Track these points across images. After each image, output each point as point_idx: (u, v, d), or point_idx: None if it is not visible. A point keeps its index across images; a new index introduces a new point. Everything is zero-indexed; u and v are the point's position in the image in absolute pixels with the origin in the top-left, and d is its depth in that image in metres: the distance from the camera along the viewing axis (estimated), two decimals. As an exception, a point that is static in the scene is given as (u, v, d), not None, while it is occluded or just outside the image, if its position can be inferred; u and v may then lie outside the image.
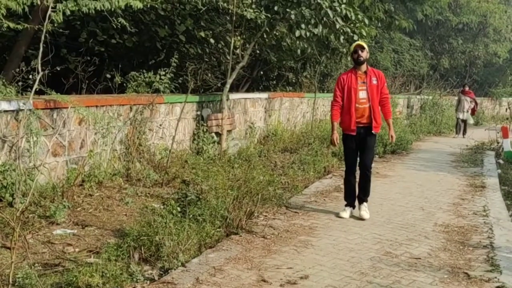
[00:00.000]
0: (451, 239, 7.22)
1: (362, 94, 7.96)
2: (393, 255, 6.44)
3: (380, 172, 12.35)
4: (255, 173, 8.40)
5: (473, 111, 23.23)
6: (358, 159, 8.23)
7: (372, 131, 8.00)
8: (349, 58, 16.38)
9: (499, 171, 13.25)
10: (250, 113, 14.66)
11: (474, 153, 16.70)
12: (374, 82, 8.03)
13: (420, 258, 6.36)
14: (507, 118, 19.94)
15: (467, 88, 23.35)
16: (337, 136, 8.17)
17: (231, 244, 6.49)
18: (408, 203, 9.30)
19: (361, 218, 8.01)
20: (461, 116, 22.61)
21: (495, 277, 5.81)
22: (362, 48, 7.99)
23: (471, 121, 23.30)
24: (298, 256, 6.23)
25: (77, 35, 11.32)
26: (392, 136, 8.42)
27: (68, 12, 7.64)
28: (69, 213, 7.15)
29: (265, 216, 7.83)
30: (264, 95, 15.68)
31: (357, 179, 8.33)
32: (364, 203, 8.23)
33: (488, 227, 7.88)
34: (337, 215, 8.13)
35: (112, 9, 8.22)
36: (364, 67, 8.06)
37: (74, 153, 8.32)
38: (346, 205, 8.27)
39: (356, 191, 8.27)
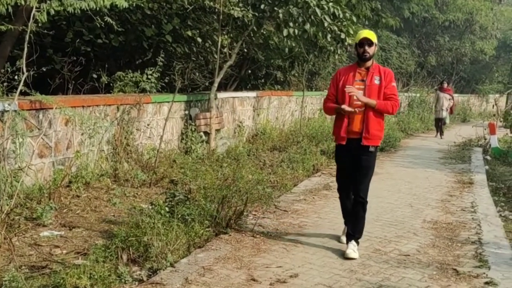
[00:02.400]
0: (440, 236, 7.23)
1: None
2: (382, 252, 6.44)
3: (369, 169, 12.34)
4: (244, 172, 8.35)
5: (451, 109, 21.96)
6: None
7: (362, 143, 6.27)
8: (337, 56, 16.41)
9: (487, 167, 13.30)
10: (239, 112, 14.62)
11: (461, 150, 16.78)
12: (376, 81, 6.31)
13: (409, 255, 6.36)
14: (494, 115, 20.02)
15: (445, 85, 22.06)
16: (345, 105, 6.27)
17: (220, 244, 6.46)
18: (397, 200, 9.31)
19: (346, 257, 6.19)
20: (439, 114, 21.18)
21: (484, 273, 5.82)
22: (370, 43, 6.28)
23: (448, 120, 22.11)
24: (287, 254, 6.21)
25: (63, 35, 11.23)
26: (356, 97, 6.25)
27: (52, 12, 7.56)
28: (56, 215, 7.09)
29: (254, 215, 7.79)
30: (253, 93, 15.65)
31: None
32: (353, 242, 6.38)
33: (476, 223, 7.91)
34: (339, 240, 6.75)
35: (98, 8, 8.15)
36: (368, 63, 6.39)
37: (61, 154, 8.26)
38: (345, 223, 6.79)
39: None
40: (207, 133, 12.11)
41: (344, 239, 6.61)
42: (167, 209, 6.52)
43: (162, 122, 10.66)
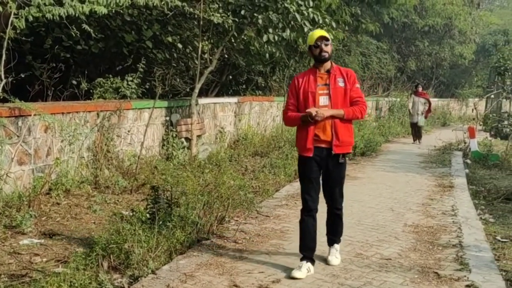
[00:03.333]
0: (421, 239, 7.25)
1: (323, 101, 5.81)
2: (364, 257, 6.44)
3: (350, 174, 12.37)
4: (226, 178, 8.33)
5: (426, 113, 20.88)
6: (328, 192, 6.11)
7: (333, 152, 5.76)
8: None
9: (467, 170, 13.38)
10: (220, 117, 14.60)
11: (442, 154, 16.87)
12: (340, 84, 5.83)
13: (390, 259, 6.37)
14: (473, 119, 20.19)
15: (420, 89, 21.03)
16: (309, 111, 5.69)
17: (202, 250, 6.42)
18: (378, 204, 9.33)
19: (328, 264, 6.08)
20: (414, 119, 20.43)
21: (465, 276, 5.84)
22: (326, 40, 5.81)
23: (422, 123, 20.97)
24: (269, 260, 6.19)
25: (42, 42, 11.17)
26: (317, 112, 5.66)
27: (31, 18, 7.52)
28: (36, 222, 7.03)
29: (236, 220, 7.77)
30: (234, 99, 15.64)
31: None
32: (335, 245, 6.23)
33: (457, 227, 7.94)
34: (289, 275, 5.66)
35: (77, 15, 8.12)
36: (327, 65, 5.88)
37: (41, 161, 8.19)
38: (302, 259, 5.87)
39: (316, 239, 6.02)
40: (188, 139, 12.07)
41: (297, 273, 5.64)
42: (148, 215, 6.48)
43: (143, 128, 10.61)
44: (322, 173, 5.93)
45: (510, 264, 6.45)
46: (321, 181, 6.01)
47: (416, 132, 20.55)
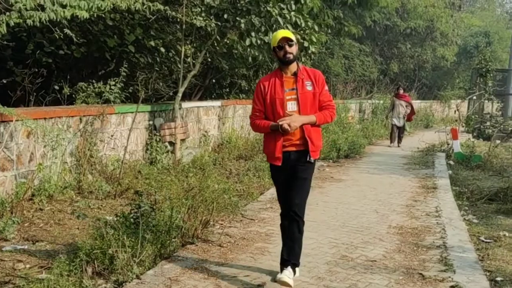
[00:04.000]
0: (405, 241, 7.28)
1: (291, 107, 5.49)
2: (349, 259, 6.46)
3: (335, 176, 12.42)
4: (210, 182, 8.32)
5: (409, 117, 20.56)
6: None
7: (308, 158, 5.53)
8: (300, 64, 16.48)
9: (450, 172, 13.46)
10: (204, 121, 14.58)
11: (425, 155, 16.96)
12: (309, 87, 5.53)
13: (375, 261, 6.40)
14: (456, 120, 20.26)
15: (401, 91, 20.50)
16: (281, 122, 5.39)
17: (187, 254, 6.41)
18: (363, 206, 9.36)
19: (276, 281, 5.52)
20: (396, 122, 19.96)
21: (449, 277, 5.89)
22: (290, 41, 5.50)
23: (407, 128, 20.93)
24: (255, 263, 6.19)
25: (23, 47, 11.09)
26: (288, 125, 5.35)
27: (12, 24, 7.47)
28: (19, 229, 6.97)
29: (221, 224, 7.76)
30: (217, 103, 15.63)
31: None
32: (289, 268, 5.50)
33: (441, 228, 7.99)
34: (275, 279, 5.54)
35: (58, 19, 8.07)
36: (293, 67, 5.58)
37: (23, 166, 8.13)
38: (286, 263, 5.57)
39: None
40: (172, 143, 12.05)
41: (284, 277, 5.38)
42: (132, 220, 6.45)
43: (126, 133, 10.57)
44: (288, 175, 5.57)
45: (494, 265, 6.50)
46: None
47: (396, 134, 20.07)
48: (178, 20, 12.31)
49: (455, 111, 20.29)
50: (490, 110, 26.66)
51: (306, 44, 13.16)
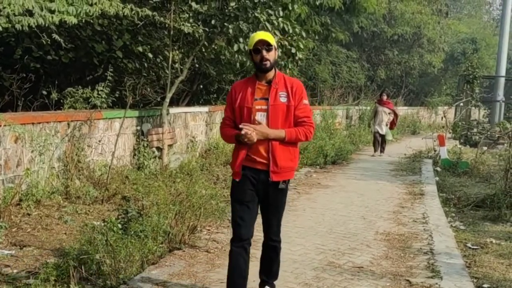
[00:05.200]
0: (392, 247, 7.33)
1: (260, 118, 4.85)
2: (336, 265, 6.49)
3: (322, 182, 12.46)
4: (197, 187, 8.35)
5: (392, 125, 19.37)
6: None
7: (270, 179, 4.86)
8: (288, 71, 16.54)
9: (437, 178, 13.53)
10: (191, 127, 14.59)
11: (412, 162, 17.03)
12: (282, 99, 4.85)
13: (362, 267, 6.44)
14: (443, 127, 20.36)
15: (385, 97, 19.22)
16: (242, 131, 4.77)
17: (174, 260, 6.43)
18: (350, 213, 9.40)
19: None
20: (379, 130, 18.82)
21: (436, 283, 5.94)
22: (268, 45, 4.83)
23: (389, 137, 19.83)
24: (242, 269, 6.20)
25: (11, 52, 11.08)
26: (246, 133, 4.74)
27: (0, 29, 7.47)
28: (7, 234, 6.96)
29: (208, 230, 7.78)
30: (205, 108, 15.65)
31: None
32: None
33: (428, 234, 8.04)
34: None
35: (46, 25, 8.08)
36: (270, 74, 4.92)
37: (11, 171, 8.12)
38: (261, 285, 5.35)
39: (247, 277, 5.05)
40: (159, 149, 12.05)
41: None
42: (119, 225, 6.45)
43: (114, 138, 10.56)
44: (260, 199, 5.01)
45: (481, 271, 6.56)
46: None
47: (379, 142, 19.09)
48: (166, 26, 12.33)
49: (442, 118, 20.34)
50: (477, 117, 26.82)
51: (293, 50, 13.21)
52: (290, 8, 13.04)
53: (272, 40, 4.85)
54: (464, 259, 6.96)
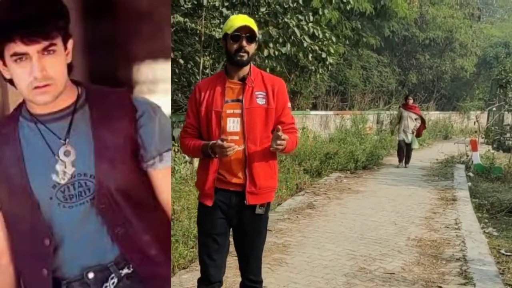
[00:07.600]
0: (424, 253, 7.25)
1: (232, 125, 3.73)
2: (367, 271, 6.44)
3: (352, 187, 12.40)
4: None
5: (419, 132, 16.98)
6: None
7: (246, 202, 3.75)
8: (318, 76, 16.51)
9: (470, 184, 13.37)
10: (222, 132, 14.60)
11: (444, 167, 16.85)
12: (260, 101, 3.76)
13: (394, 273, 6.37)
14: (475, 131, 20.16)
15: (411, 101, 16.90)
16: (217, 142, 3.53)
17: (205, 265, 6.43)
18: (381, 218, 9.33)
19: None
20: (404, 137, 16.49)
21: (469, 290, 5.86)
22: (251, 36, 3.71)
23: (415, 145, 17.51)
24: (272, 274, 6.19)
25: None
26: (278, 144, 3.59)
27: None
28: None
29: (239, 235, 7.76)
30: (235, 114, 15.66)
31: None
32: None
33: (460, 240, 7.93)
34: None
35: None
36: (245, 70, 3.78)
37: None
38: None
39: None
40: (190, 154, 12.08)
41: None
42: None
43: (145, 144, 10.61)
44: (233, 228, 3.98)
45: (513, 278, 6.46)
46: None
47: (405, 152, 16.81)
48: (197, 32, 12.40)
49: (474, 122, 20.15)
50: (510, 122, 26.48)
51: (324, 55, 13.19)
52: (321, 13, 13.03)
53: (257, 30, 3.72)
54: (497, 266, 6.85)
